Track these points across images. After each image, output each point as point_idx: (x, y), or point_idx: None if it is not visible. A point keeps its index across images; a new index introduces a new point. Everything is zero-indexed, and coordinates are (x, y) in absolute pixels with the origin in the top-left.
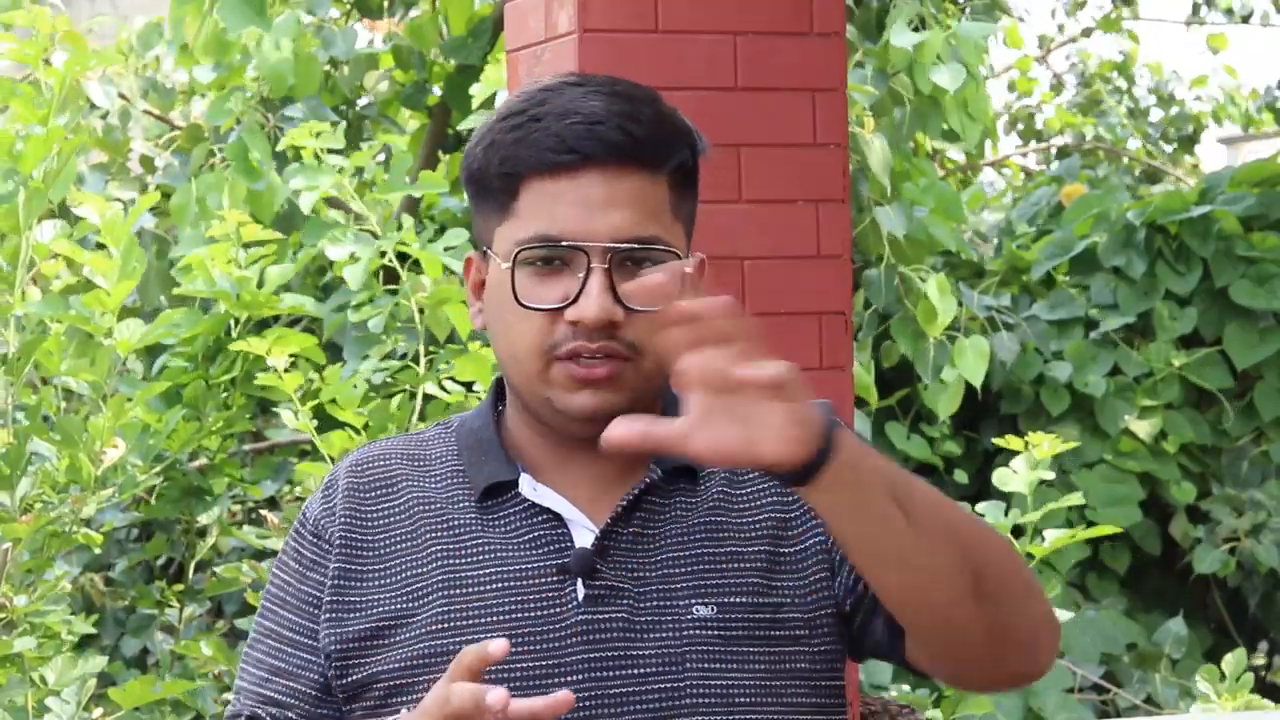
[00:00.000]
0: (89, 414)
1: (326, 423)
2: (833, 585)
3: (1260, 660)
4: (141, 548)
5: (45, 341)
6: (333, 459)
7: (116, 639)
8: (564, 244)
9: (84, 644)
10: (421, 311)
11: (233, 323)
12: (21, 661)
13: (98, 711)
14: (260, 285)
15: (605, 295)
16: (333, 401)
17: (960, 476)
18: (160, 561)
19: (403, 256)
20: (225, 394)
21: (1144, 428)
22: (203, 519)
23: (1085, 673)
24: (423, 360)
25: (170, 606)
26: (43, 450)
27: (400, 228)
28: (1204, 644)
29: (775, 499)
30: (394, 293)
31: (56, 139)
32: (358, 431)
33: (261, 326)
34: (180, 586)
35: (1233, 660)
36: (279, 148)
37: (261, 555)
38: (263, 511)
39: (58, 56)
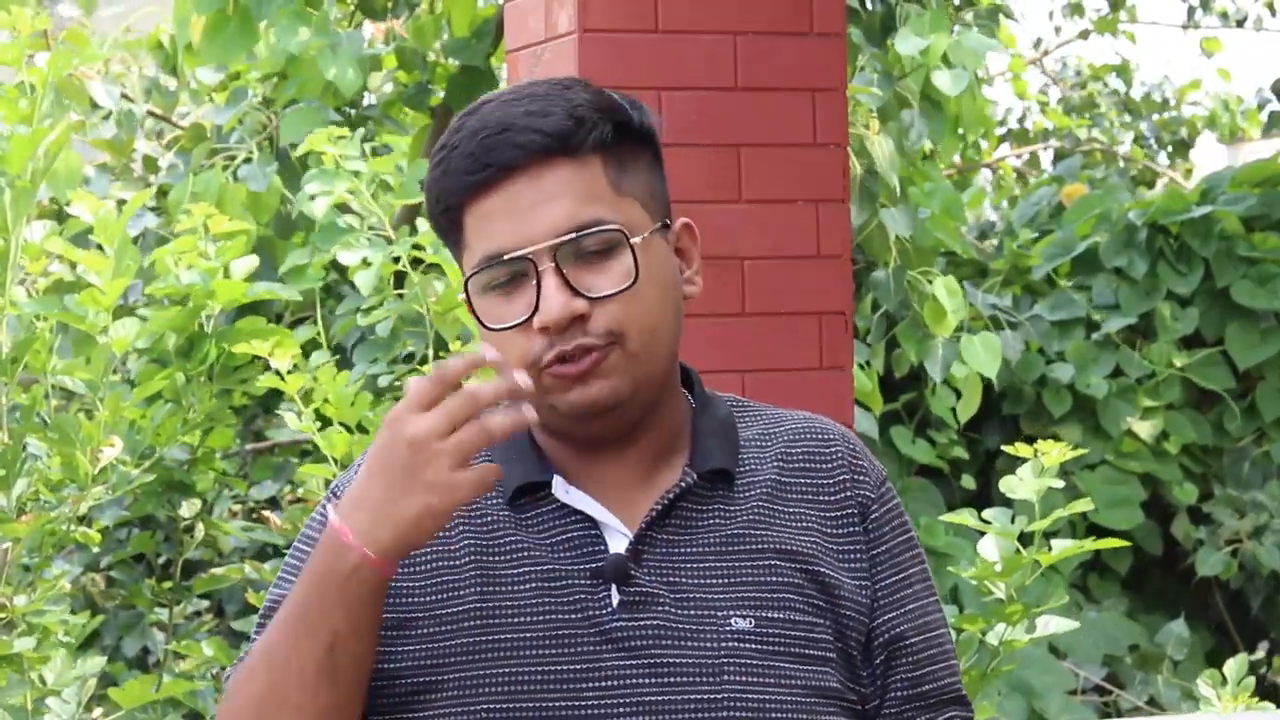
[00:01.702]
0: (80, 411)
1: (327, 421)
2: (864, 633)
3: (1260, 656)
4: (130, 545)
5: (37, 339)
6: (336, 460)
7: (117, 639)
8: (506, 257)
9: (84, 644)
10: (442, 314)
11: (207, 317)
12: (21, 662)
13: (97, 711)
14: (226, 278)
15: (561, 293)
16: (325, 401)
17: (967, 482)
18: (161, 560)
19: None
20: (206, 388)
21: (1146, 428)
22: (183, 512)
23: (1087, 674)
24: (431, 362)
25: (163, 605)
26: (35, 449)
27: (414, 231)
28: (1205, 645)
29: (820, 522)
30: (404, 296)
31: (42, 138)
32: (351, 431)
33: (236, 318)
34: (169, 584)
35: (1235, 665)
36: (297, 153)
37: (263, 555)
38: (265, 512)
39: (41, 56)
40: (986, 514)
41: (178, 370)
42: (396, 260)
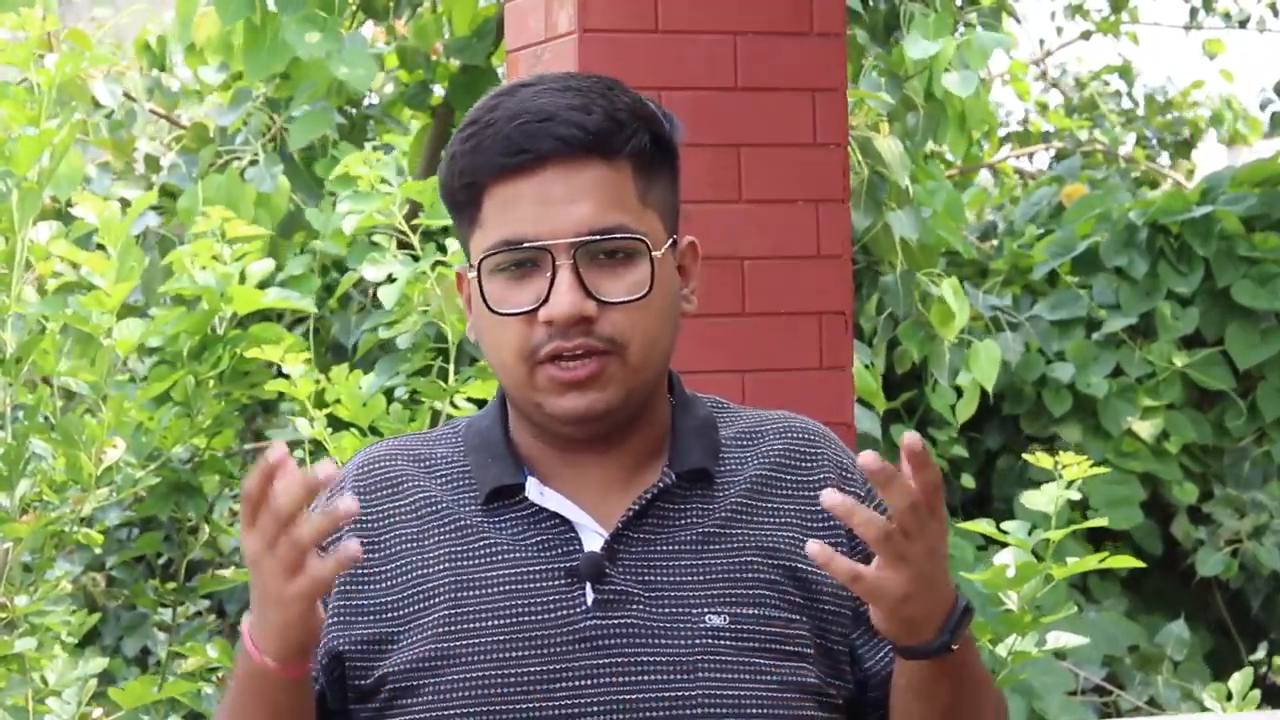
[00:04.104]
0: (85, 413)
1: (338, 423)
2: (850, 630)
3: (1260, 656)
4: (135, 545)
5: (42, 341)
6: (342, 465)
7: (117, 638)
8: (525, 245)
9: (84, 643)
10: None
11: (219, 320)
12: (22, 662)
13: (98, 711)
14: (242, 282)
15: (574, 291)
16: (337, 402)
17: (967, 481)
18: (162, 560)
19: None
20: (215, 392)
21: (1146, 428)
22: (192, 515)
23: (1087, 674)
24: (452, 378)
25: (166, 605)
26: (39, 450)
27: (441, 250)
28: (1205, 645)
29: (800, 518)
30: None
31: (49, 140)
32: (365, 433)
33: (250, 322)
34: (174, 585)
35: (1240, 679)
36: (332, 175)
37: None
38: None
39: (50, 58)
40: (1006, 525)
41: (188, 374)
42: (423, 276)
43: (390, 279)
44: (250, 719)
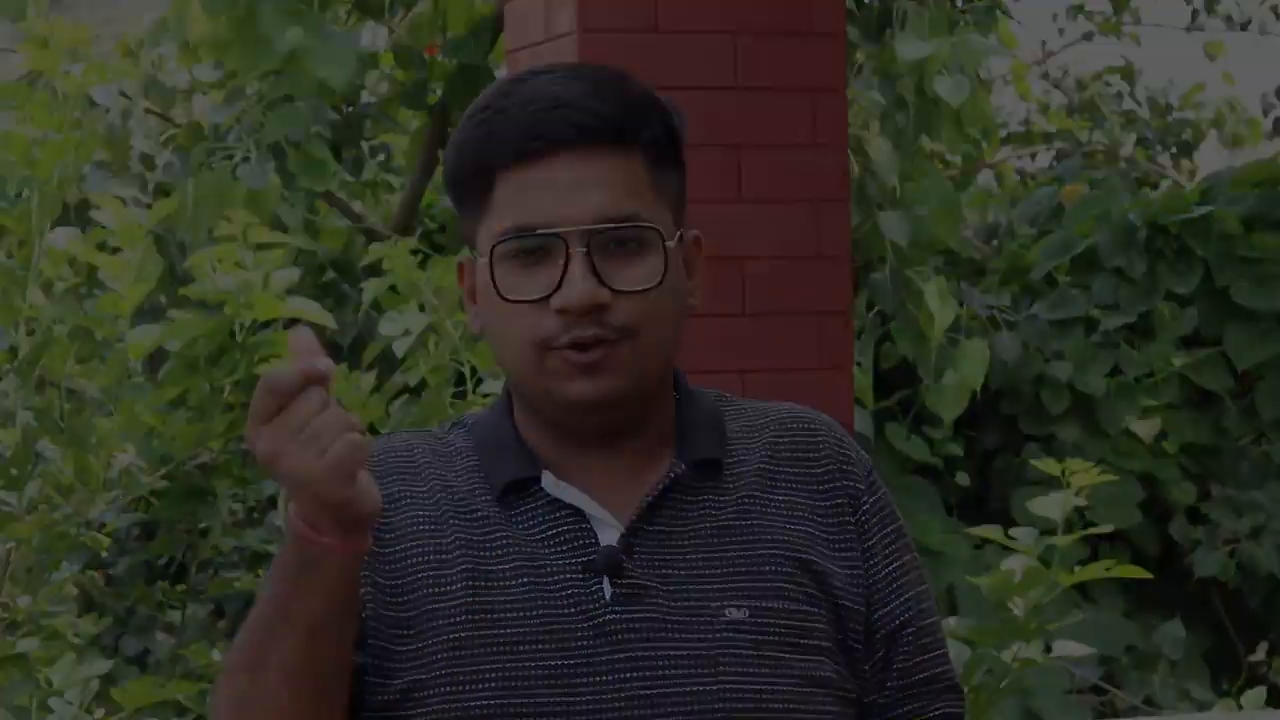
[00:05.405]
0: (92, 414)
1: None
2: (863, 624)
3: (1260, 657)
4: (144, 547)
5: (55, 343)
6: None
7: (116, 637)
8: (539, 232)
9: (87, 642)
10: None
11: (238, 326)
12: (25, 662)
13: (99, 711)
14: (265, 288)
15: (588, 279)
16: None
17: (962, 479)
18: (162, 561)
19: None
20: (229, 396)
21: (1144, 428)
22: (205, 521)
23: (1084, 674)
24: (470, 395)
25: (173, 607)
26: (46, 452)
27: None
28: (1203, 645)
29: (811, 511)
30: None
31: (72, 145)
32: (363, 434)
33: (266, 328)
34: (183, 587)
35: (1254, 695)
36: (365, 261)
37: (264, 555)
38: (279, 523)
39: (74, 66)
40: (1014, 532)
41: (205, 380)
42: (436, 332)
43: (406, 333)
44: (291, 623)
